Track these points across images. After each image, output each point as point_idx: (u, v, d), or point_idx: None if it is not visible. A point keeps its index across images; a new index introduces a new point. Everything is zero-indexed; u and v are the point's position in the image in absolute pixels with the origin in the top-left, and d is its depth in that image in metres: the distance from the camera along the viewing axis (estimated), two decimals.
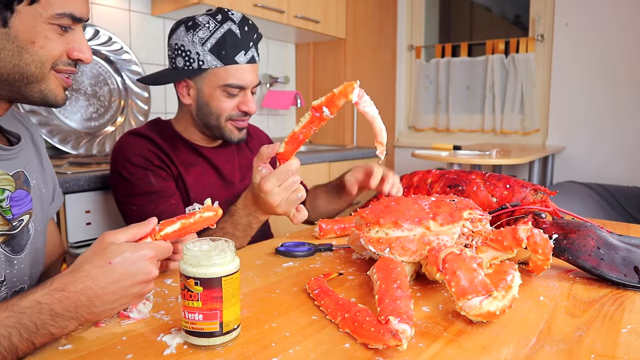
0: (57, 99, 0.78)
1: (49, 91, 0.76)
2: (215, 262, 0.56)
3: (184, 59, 1.19)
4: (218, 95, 1.20)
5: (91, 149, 1.93)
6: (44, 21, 0.71)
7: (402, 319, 0.55)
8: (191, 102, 1.23)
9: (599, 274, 0.76)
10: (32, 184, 0.85)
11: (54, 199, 0.97)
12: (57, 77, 0.77)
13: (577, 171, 2.71)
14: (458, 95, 3.05)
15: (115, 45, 2.05)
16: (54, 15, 0.71)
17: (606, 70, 2.60)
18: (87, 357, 0.55)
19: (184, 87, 1.23)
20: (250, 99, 1.23)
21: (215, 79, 1.18)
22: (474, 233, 0.74)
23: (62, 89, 0.79)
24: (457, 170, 1.04)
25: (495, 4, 3.49)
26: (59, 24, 0.73)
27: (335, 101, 0.78)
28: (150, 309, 0.67)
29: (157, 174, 1.17)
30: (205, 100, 1.21)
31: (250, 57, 1.21)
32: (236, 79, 1.19)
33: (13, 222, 0.79)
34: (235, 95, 1.21)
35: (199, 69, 1.18)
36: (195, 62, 1.17)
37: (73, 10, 0.73)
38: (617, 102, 2.58)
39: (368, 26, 3.09)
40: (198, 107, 1.23)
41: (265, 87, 2.97)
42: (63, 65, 0.76)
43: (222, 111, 1.21)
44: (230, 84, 1.18)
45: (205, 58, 1.17)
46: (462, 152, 2.30)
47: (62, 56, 0.76)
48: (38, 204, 0.86)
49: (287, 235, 1.13)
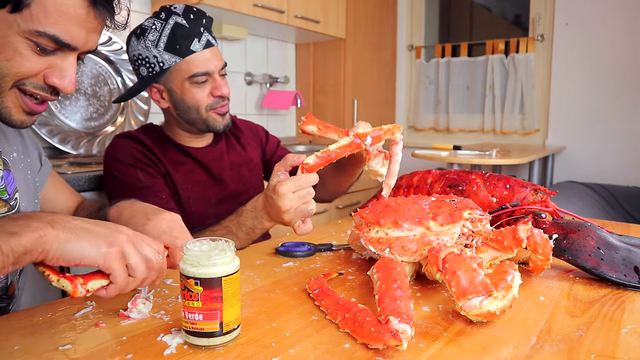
0: (12, 119, 0.71)
1: (4, 108, 0.70)
2: (215, 262, 0.56)
3: (145, 67, 1.20)
4: (189, 89, 1.20)
5: (91, 149, 1.93)
6: (19, 33, 0.65)
7: (402, 319, 0.55)
8: (168, 104, 1.25)
9: (599, 274, 0.75)
10: (12, 157, 0.83)
11: (42, 164, 0.95)
12: (19, 98, 0.70)
13: (577, 171, 2.71)
14: (458, 95, 3.05)
15: (115, 45, 2.05)
16: (32, 31, 0.65)
17: (606, 70, 2.60)
18: (87, 357, 0.55)
19: (156, 93, 1.25)
20: (220, 83, 1.22)
21: (179, 75, 1.19)
22: (474, 233, 0.74)
23: (22, 111, 0.71)
24: (457, 170, 1.04)
25: (495, 4, 3.49)
26: (37, 42, 0.66)
27: (382, 136, 0.86)
28: (150, 309, 0.67)
29: (146, 171, 1.19)
30: (179, 98, 1.22)
31: (205, 41, 1.20)
32: (198, 67, 1.19)
33: (10, 202, 0.79)
34: (205, 83, 1.21)
35: (161, 71, 1.19)
36: (156, 65, 1.19)
37: (59, 33, 0.66)
38: (617, 102, 2.58)
39: (368, 26, 3.09)
40: (176, 107, 1.24)
41: (265, 87, 2.97)
42: (32, 87, 0.69)
43: (198, 102, 1.21)
44: (194, 74, 1.19)
45: (164, 58, 1.18)
46: (462, 152, 2.30)
47: (33, 76, 0.69)
48: (21, 178, 0.84)
49: (287, 235, 1.13)
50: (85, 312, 0.67)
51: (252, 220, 1.00)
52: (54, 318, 0.65)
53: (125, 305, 0.67)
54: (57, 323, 0.64)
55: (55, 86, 0.70)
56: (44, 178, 0.96)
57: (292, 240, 1.03)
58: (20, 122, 0.72)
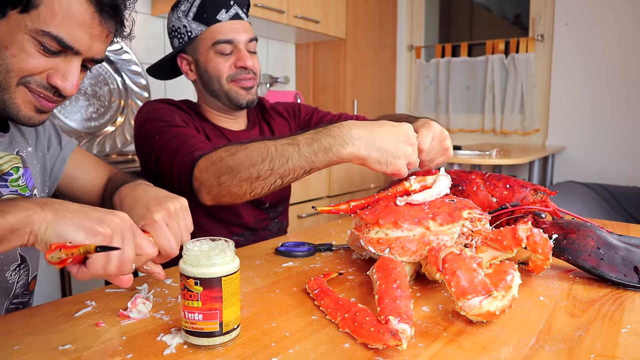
0: (20, 115, 0.73)
1: (12, 104, 0.71)
2: (215, 262, 0.56)
3: (177, 38, 1.21)
4: (212, 58, 1.19)
5: (91, 149, 1.93)
6: (26, 32, 0.67)
7: (402, 318, 0.55)
8: (195, 76, 1.24)
9: (599, 274, 0.76)
10: (27, 152, 0.84)
11: (62, 147, 0.94)
12: (28, 94, 0.72)
13: (577, 171, 2.71)
14: (458, 95, 3.05)
15: (115, 45, 2.05)
16: (38, 30, 0.67)
17: (606, 70, 2.60)
18: (87, 357, 0.55)
19: (185, 65, 1.24)
20: (245, 54, 1.19)
21: (204, 43, 1.19)
22: (473, 232, 0.74)
23: (33, 107, 0.73)
24: (457, 170, 1.04)
25: (495, 4, 3.49)
26: (41, 42, 0.68)
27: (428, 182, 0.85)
28: (150, 309, 0.67)
29: (186, 122, 1.15)
30: (204, 68, 1.20)
31: (234, 13, 1.20)
32: (222, 34, 1.17)
33: (32, 197, 0.81)
34: (229, 55, 1.19)
35: (189, 40, 1.20)
36: (185, 35, 1.19)
37: (62, 35, 0.68)
38: (617, 102, 2.58)
39: (368, 26, 3.09)
40: (201, 78, 1.22)
41: (265, 87, 2.97)
42: (36, 85, 0.71)
43: (220, 72, 1.19)
44: (217, 41, 1.17)
45: (192, 27, 1.18)
46: (462, 152, 2.30)
47: (37, 74, 0.70)
48: (34, 173, 0.86)
49: (287, 235, 1.13)
50: (85, 312, 0.67)
51: (332, 139, 0.81)
52: (54, 318, 0.65)
53: (125, 305, 0.67)
54: (57, 323, 0.64)
55: (57, 87, 0.71)
56: (64, 159, 0.95)
57: (292, 240, 1.04)
58: (28, 119, 0.74)
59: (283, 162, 0.84)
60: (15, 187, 0.79)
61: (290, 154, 0.84)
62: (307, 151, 0.82)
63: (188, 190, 0.95)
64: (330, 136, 0.81)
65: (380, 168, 0.82)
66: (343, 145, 0.80)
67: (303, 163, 0.83)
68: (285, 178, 0.86)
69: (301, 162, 0.83)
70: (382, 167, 0.81)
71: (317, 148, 0.82)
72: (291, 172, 0.85)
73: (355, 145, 0.80)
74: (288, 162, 0.84)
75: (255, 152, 0.86)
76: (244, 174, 0.87)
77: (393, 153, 0.81)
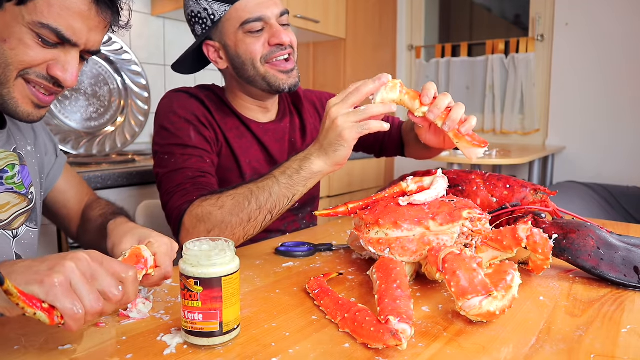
0: (18, 111, 0.72)
1: (10, 99, 0.71)
2: (215, 262, 0.56)
3: (199, 24, 1.10)
4: (242, 39, 1.07)
5: (91, 149, 1.93)
6: (24, 24, 0.67)
7: (402, 318, 0.55)
8: (226, 64, 1.12)
9: (599, 274, 0.76)
10: (26, 151, 0.84)
11: (57, 156, 0.96)
12: (26, 88, 0.71)
13: (577, 171, 2.71)
14: (458, 95, 3.05)
15: (115, 45, 2.05)
16: (35, 22, 0.67)
17: (606, 70, 2.60)
18: (87, 357, 0.55)
19: (213, 53, 1.13)
20: (279, 30, 1.08)
21: (231, 25, 1.07)
22: (473, 232, 0.74)
23: (30, 103, 0.73)
24: (457, 170, 1.04)
25: (495, 4, 3.49)
26: (39, 34, 0.67)
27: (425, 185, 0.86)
28: (150, 309, 0.67)
29: (199, 132, 1.07)
30: (235, 52, 1.09)
31: None
32: (250, 12, 1.06)
33: (28, 195, 0.81)
34: (261, 32, 1.08)
35: (213, 24, 1.08)
36: (208, 19, 1.08)
37: (61, 27, 0.68)
38: (617, 102, 2.58)
39: (368, 26, 3.09)
40: (233, 65, 1.11)
41: None
42: (35, 76, 0.70)
43: (253, 54, 1.07)
44: (246, 20, 1.06)
45: (214, 9, 1.06)
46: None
47: (36, 66, 0.70)
48: (35, 172, 0.86)
49: (287, 235, 1.13)
50: None
51: (299, 162, 0.87)
52: None
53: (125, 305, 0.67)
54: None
55: (57, 78, 0.71)
56: (60, 169, 0.96)
57: (292, 240, 1.03)
58: (27, 115, 0.73)
59: (267, 197, 0.88)
60: (10, 185, 0.79)
61: (270, 186, 0.88)
62: (284, 179, 0.87)
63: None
64: (298, 159, 0.88)
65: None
66: (310, 161, 0.86)
67: (285, 191, 0.88)
68: (273, 212, 0.90)
69: (282, 190, 0.88)
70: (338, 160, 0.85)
71: (291, 173, 0.87)
72: (277, 204, 0.89)
73: (320, 159, 0.86)
74: (272, 195, 0.88)
75: (241, 196, 0.89)
76: (235, 221, 0.89)
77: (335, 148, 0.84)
